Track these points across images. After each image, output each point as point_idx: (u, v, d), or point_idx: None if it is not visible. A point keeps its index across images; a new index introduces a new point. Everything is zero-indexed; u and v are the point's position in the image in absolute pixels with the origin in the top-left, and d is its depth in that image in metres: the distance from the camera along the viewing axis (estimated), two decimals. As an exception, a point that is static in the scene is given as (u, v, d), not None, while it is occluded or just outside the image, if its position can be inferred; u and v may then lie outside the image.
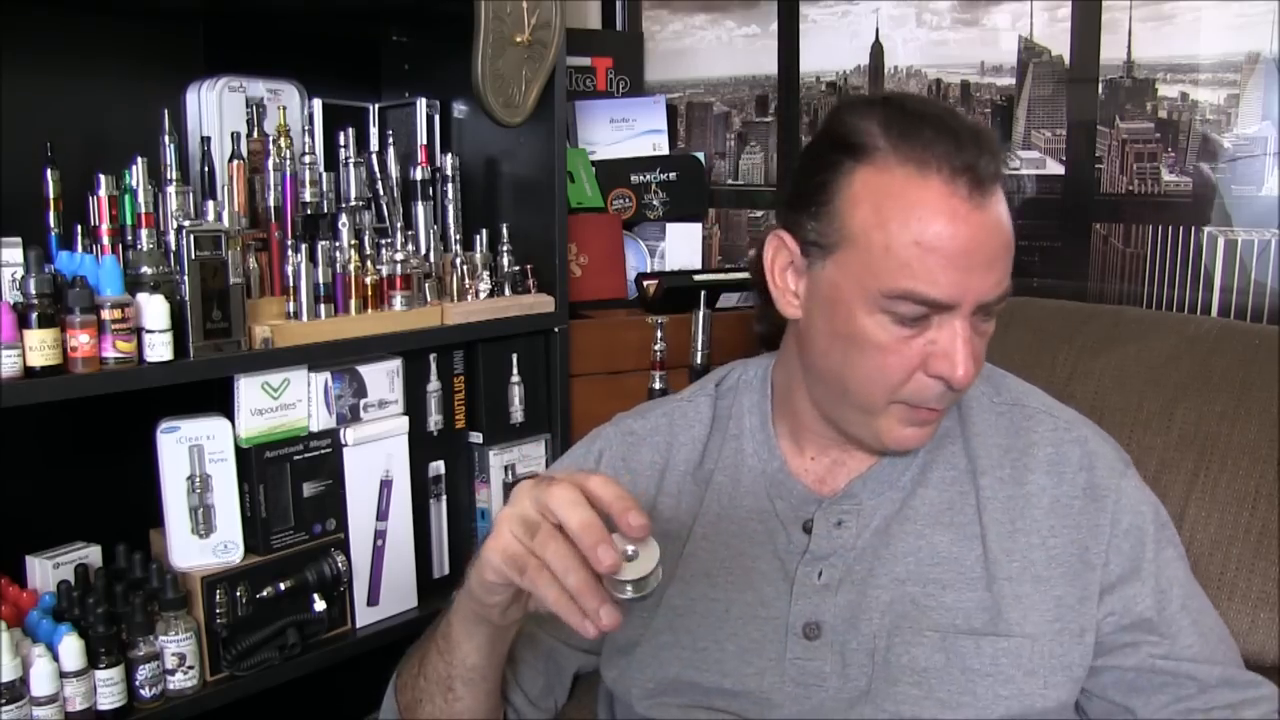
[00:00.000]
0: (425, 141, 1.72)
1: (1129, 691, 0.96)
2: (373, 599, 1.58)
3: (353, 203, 1.56)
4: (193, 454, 1.40)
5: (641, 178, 2.09)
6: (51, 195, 1.35)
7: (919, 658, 0.92)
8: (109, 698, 1.28)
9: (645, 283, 1.93)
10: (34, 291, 1.20)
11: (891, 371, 0.91)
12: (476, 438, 1.73)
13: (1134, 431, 1.23)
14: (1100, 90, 1.74)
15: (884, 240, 0.87)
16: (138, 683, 1.32)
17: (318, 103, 1.65)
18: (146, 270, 1.30)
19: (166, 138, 1.41)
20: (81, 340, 1.22)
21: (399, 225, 1.61)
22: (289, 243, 1.46)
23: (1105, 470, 0.99)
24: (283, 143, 1.51)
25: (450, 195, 1.70)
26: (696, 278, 1.89)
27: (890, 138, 0.88)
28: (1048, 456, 0.99)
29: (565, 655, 1.10)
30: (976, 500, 0.98)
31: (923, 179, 0.86)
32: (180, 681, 1.35)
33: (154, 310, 1.27)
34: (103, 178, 1.35)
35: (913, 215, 0.86)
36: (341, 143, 1.57)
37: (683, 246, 2.10)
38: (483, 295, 1.67)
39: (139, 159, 1.36)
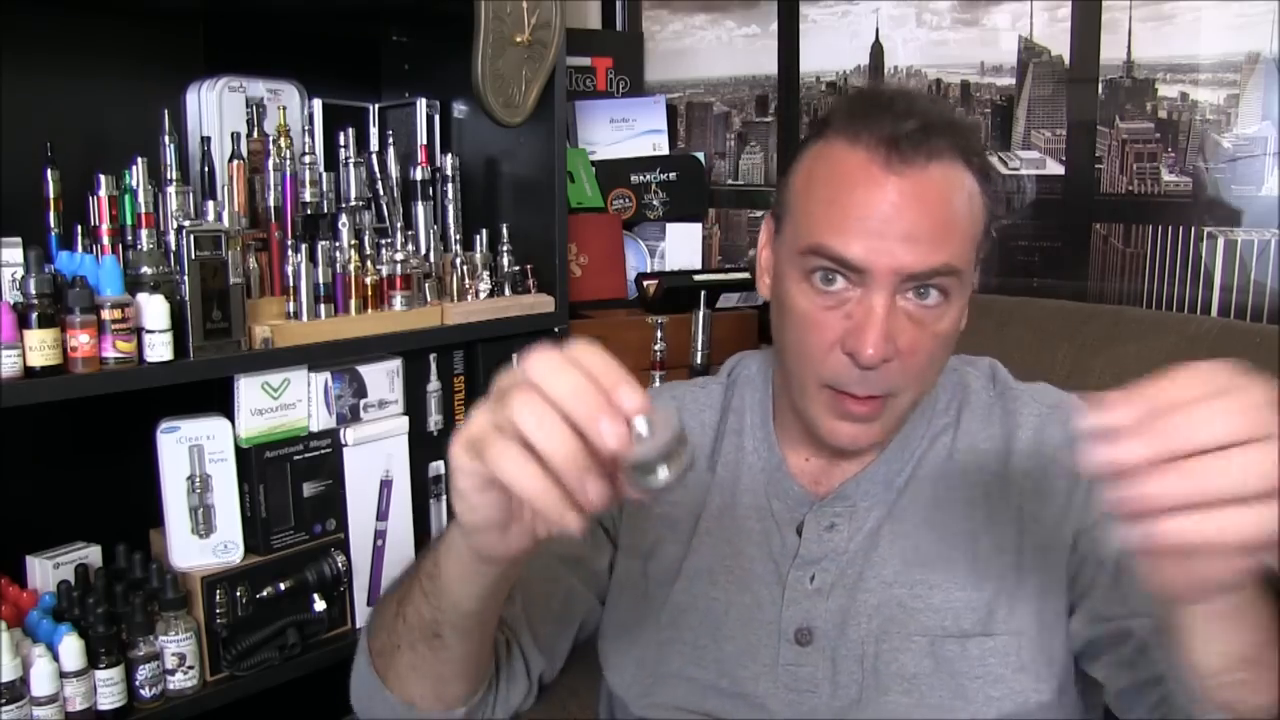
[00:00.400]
0: (425, 141, 1.72)
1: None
2: (373, 599, 1.58)
3: (353, 203, 1.56)
4: (193, 454, 1.40)
5: (641, 178, 2.09)
6: (51, 195, 1.35)
7: (907, 664, 0.90)
8: (109, 698, 1.28)
9: (645, 283, 1.93)
10: (34, 291, 1.20)
11: (812, 346, 0.88)
12: (476, 438, 1.73)
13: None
14: (1100, 90, 1.74)
15: (807, 203, 0.88)
16: (138, 683, 1.32)
17: (318, 103, 1.65)
18: (146, 270, 1.30)
19: (166, 138, 1.41)
20: (81, 340, 1.22)
21: (399, 225, 1.61)
22: (289, 243, 1.46)
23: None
24: (283, 143, 1.51)
25: (450, 195, 1.70)
26: (696, 278, 1.90)
27: (840, 115, 0.89)
28: (1029, 440, 0.95)
29: (579, 601, 1.03)
30: (966, 496, 0.95)
31: (851, 148, 0.86)
32: (180, 681, 1.35)
33: (154, 310, 1.27)
34: (103, 178, 1.35)
35: (834, 178, 0.86)
36: (341, 143, 1.57)
37: (683, 246, 2.10)
38: (483, 295, 1.67)
39: (139, 159, 1.36)
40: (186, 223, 1.32)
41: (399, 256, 1.55)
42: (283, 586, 1.45)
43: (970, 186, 0.87)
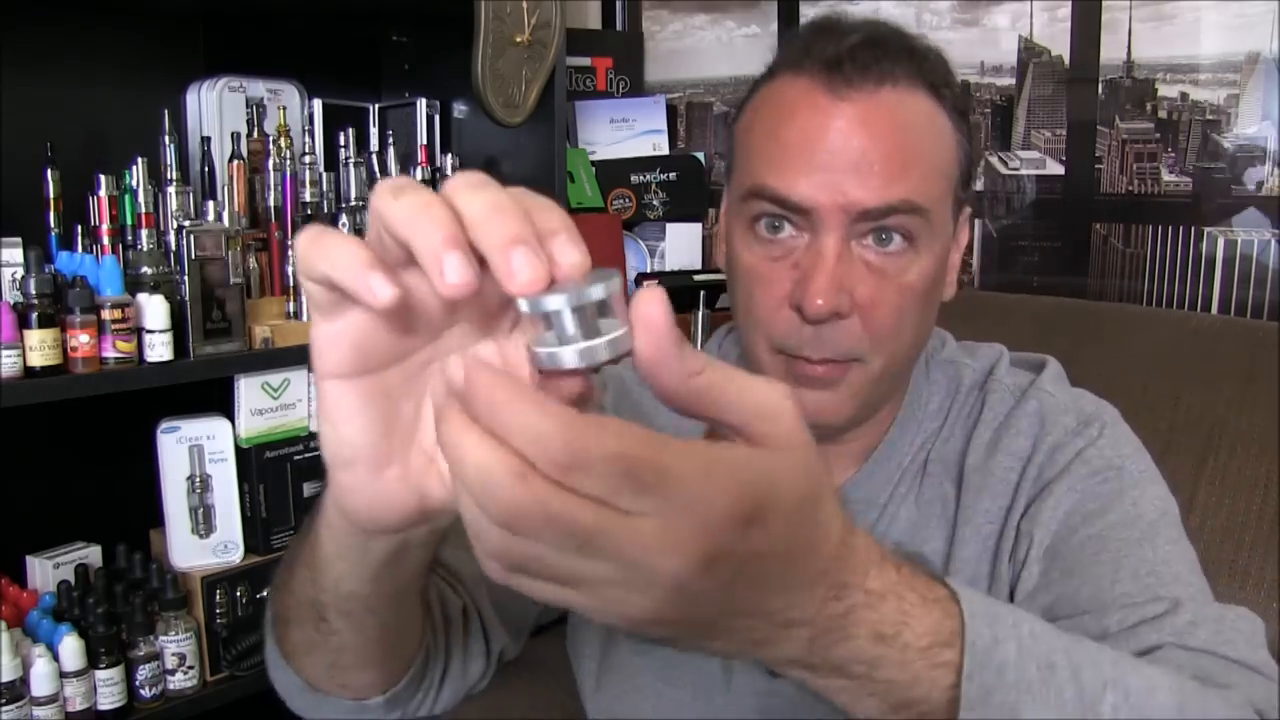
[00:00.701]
0: (425, 141, 1.72)
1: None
2: (373, 599, 1.58)
3: (353, 203, 1.56)
4: (193, 454, 1.40)
5: (641, 178, 2.09)
6: (51, 195, 1.35)
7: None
8: (109, 698, 1.28)
9: (645, 283, 1.93)
10: (34, 291, 1.20)
11: (759, 304, 0.76)
12: (476, 438, 1.72)
13: (1139, 415, 1.22)
14: (1100, 90, 1.74)
15: (748, 144, 0.78)
16: (138, 683, 1.32)
17: (318, 103, 1.65)
18: (146, 270, 1.30)
19: (166, 138, 1.41)
20: (81, 340, 1.22)
21: (399, 225, 1.61)
22: (289, 243, 1.46)
23: (1059, 433, 0.80)
24: (283, 143, 1.51)
25: (450, 195, 1.70)
26: (696, 278, 1.90)
27: (788, 47, 0.79)
28: (992, 434, 0.82)
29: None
30: (941, 513, 0.82)
31: (795, 77, 0.76)
32: (180, 681, 1.35)
33: (154, 310, 1.27)
34: (103, 178, 1.35)
35: (774, 111, 0.76)
36: (341, 143, 1.57)
37: (683, 247, 2.10)
38: (483, 295, 1.67)
39: (139, 159, 1.36)
40: (186, 223, 1.32)
41: (399, 256, 1.55)
42: (283, 586, 1.45)
43: (935, 116, 0.76)
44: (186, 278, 1.29)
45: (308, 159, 1.52)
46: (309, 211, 1.51)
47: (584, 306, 0.39)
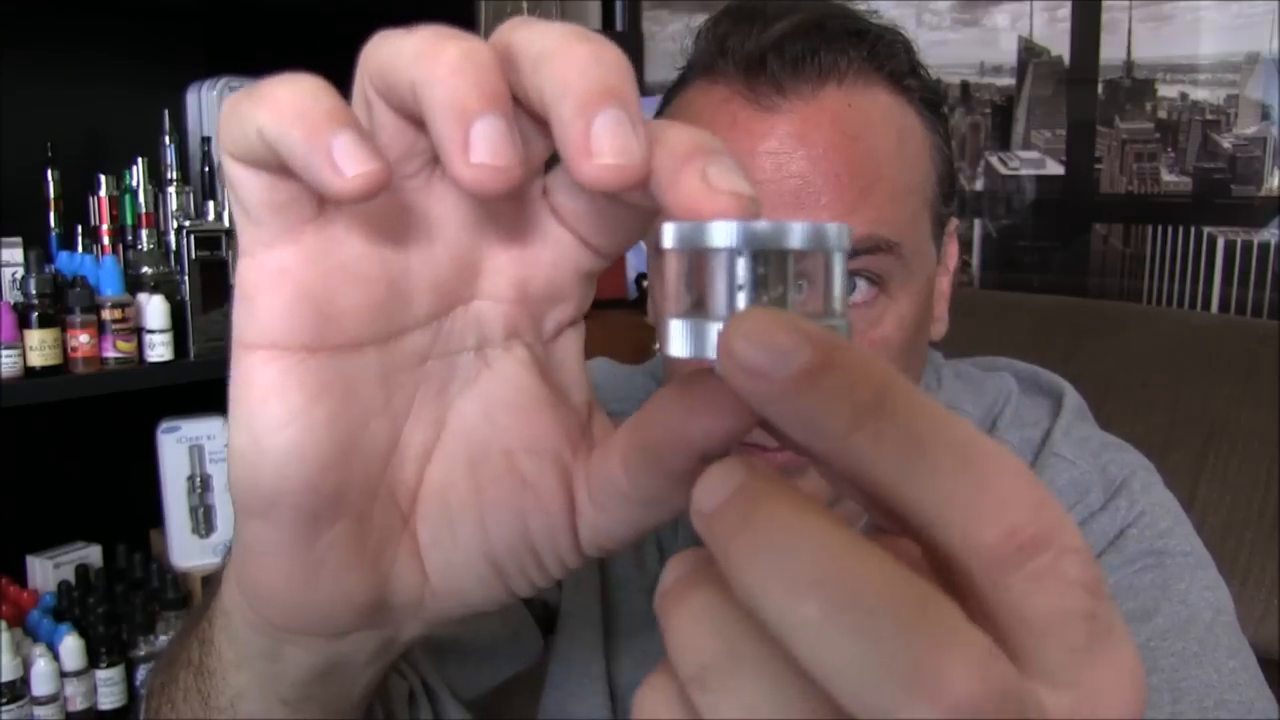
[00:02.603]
0: (425, 141, 1.72)
1: None
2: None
3: (353, 203, 1.56)
4: (193, 454, 1.40)
5: (641, 178, 2.09)
6: (51, 195, 1.35)
7: None
8: (109, 697, 1.28)
9: (645, 283, 1.93)
10: (34, 291, 1.20)
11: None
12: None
13: (1138, 410, 1.23)
14: (1100, 90, 1.74)
15: None
16: (138, 682, 1.32)
17: (318, 103, 1.65)
18: (147, 270, 1.30)
19: (167, 138, 1.41)
20: (82, 340, 1.22)
21: (399, 225, 1.61)
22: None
23: (1081, 514, 0.67)
24: (283, 143, 1.51)
25: (450, 195, 1.70)
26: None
27: (699, 46, 0.60)
28: None
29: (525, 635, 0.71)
30: None
31: (709, 84, 0.58)
32: (180, 681, 1.35)
33: (154, 310, 1.27)
34: (103, 178, 1.35)
35: None
36: (341, 143, 1.57)
37: (683, 246, 2.10)
38: (483, 295, 1.67)
39: (139, 159, 1.37)
40: (187, 223, 1.32)
41: (399, 256, 1.55)
42: (283, 586, 1.45)
43: (898, 116, 0.58)
44: (186, 278, 1.30)
45: (308, 159, 1.53)
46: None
47: (787, 254, 0.22)
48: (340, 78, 0.27)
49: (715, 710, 0.20)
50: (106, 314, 1.24)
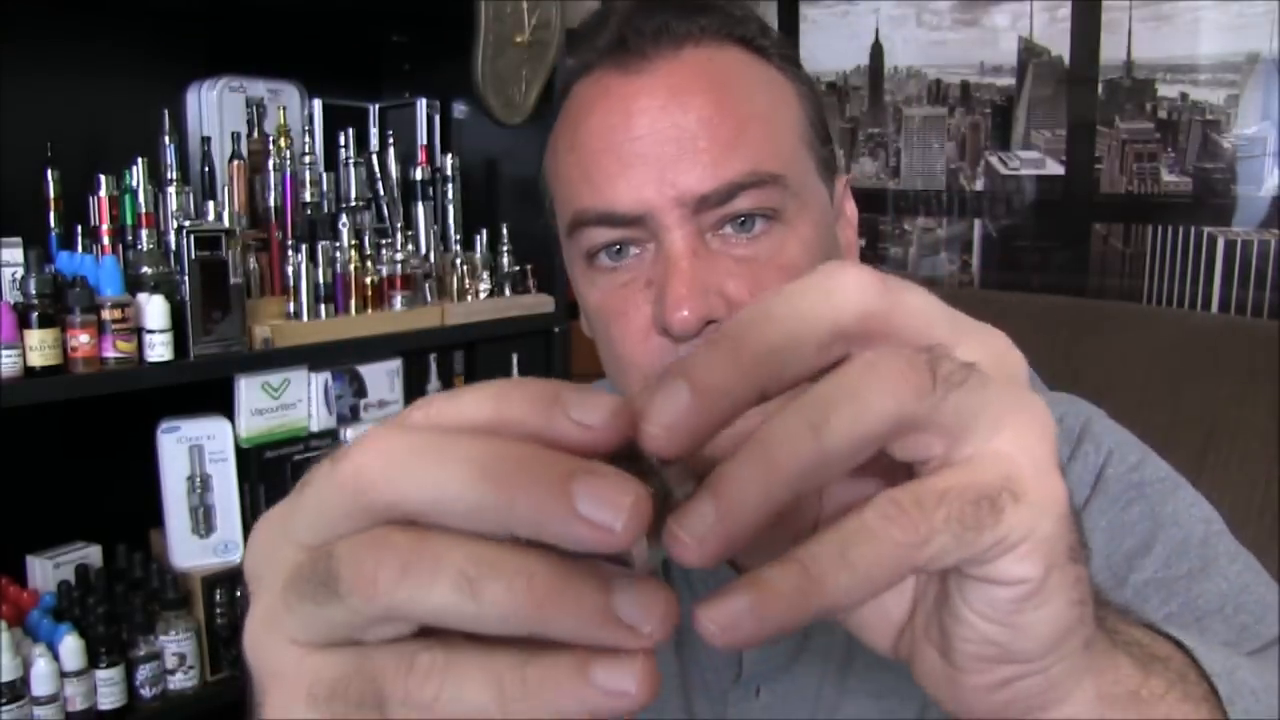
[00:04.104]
0: (425, 142, 1.72)
1: None
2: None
3: (353, 203, 1.56)
4: (193, 454, 1.40)
5: (641, 178, 2.09)
6: (51, 195, 1.35)
7: None
8: (109, 697, 1.28)
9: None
10: (34, 291, 1.20)
11: (621, 339, 0.62)
12: (476, 438, 1.72)
13: (1138, 411, 1.23)
14: (1100, 90, 1.74)
15: (556, 172, 0.65)
16: (138, 682, 1.32)
17: (318, 103, 1.65)
18: (146, 270, 1.30)
19: (167, 138, 1.41)
20: (82, 340, 1.22)
21: (399, 225, 1.61)
22: (289, 243, 1.47)
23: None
24: (283, 143, 1.51)
25: (450, 195, 1.70)
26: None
27: (566, 62, 0.66)
28: None
29: None
30: None
31: (585, 77, 0.63)
32: (180, 681, 1.35)
33: (154, 310, 1.27)
34: (103, 178, 1.35)
35: (572, 120, 0.63)
36: (341, 143, 1.57)
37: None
38: (483, 295, 1.67)
39: (139, 159, 1.37)
40: (187, 223, 1.32)
41: (399, 257, 1.55)
42: (283, 586, 1.45)
43: (758, 67, 0.63)
44: (186, 278, 1.30)
45: (308, 159, 1.52)
46: (309, 211, 1.51)
47: None
48: (340, 77, 0.27)
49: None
50: (106, 314, 1.24)
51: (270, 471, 1.45)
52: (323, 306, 1.47)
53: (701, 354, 0.26)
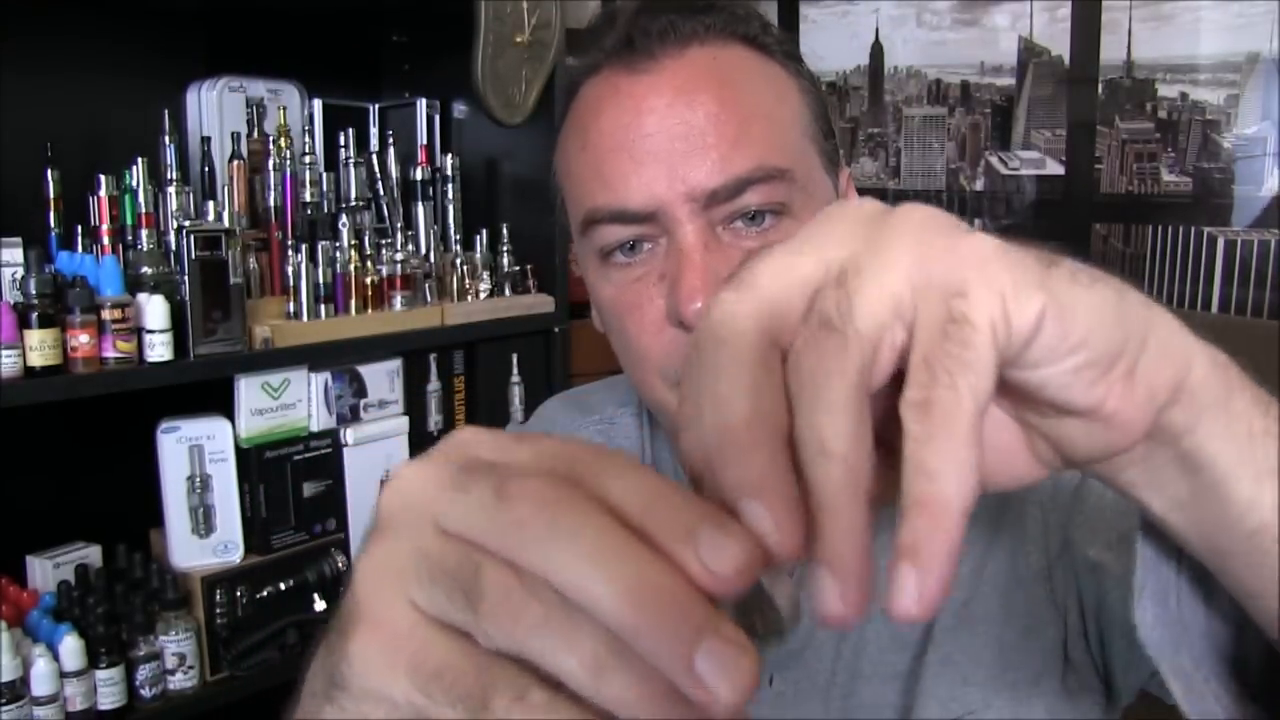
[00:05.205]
0: (425, 142, 1.72)
1: None
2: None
3: (353, 203, 1.56)
4: (193, 454, 1.40)
5: (641, 178, 2.09)
6: (51, 195, 1.35)
7: None
8: (109, 697, 1.28)
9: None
10: (34, 291, 1.20)
11: (637, 334, 0.63)
12: (476, 438, 1.72)
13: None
14: (1100, 90, 1.74)
15: (568, 172, 0.67)
16: (138, 682, 1.32)
17: (318, 103, 1.65)
18: (146, 270, 1.30)
19: (167, 138, 1.41)
20: (82, 340, 1.22)
21: (399, 225, 1.61)
22: (289, 243, 1.47)
23: None
24: (283, 143, 1.51)
25: (450, 195, 1.70)
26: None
27: (574, 64, 0.69)
28: None
29: None
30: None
31: (594, 77, 0.65)
32: (180, 681, 1.35)
33: (154, 310, 1.27)
34: (103, 178, 1.35)
35: (581, 120, 0.65)
36: (341, 143, 1.57)
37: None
38: (483, 295, 1.67)
39: (139, 159, 1.37)
40: (186, 223, 1.32)
41: (399, 257, 1.55)
42: (283, 586, 1.45)
43: (762, 64, 0.65)
44: (186, 278, 1.29)
45: (308, 159, 1.52)
46: (309, 211, 1.51)
47: None
48: (340, 77, 0.27)
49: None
50: (106, 314, 1.24)
51: (270, 472, 1.45)
52: (323, 306, 1.47)
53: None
